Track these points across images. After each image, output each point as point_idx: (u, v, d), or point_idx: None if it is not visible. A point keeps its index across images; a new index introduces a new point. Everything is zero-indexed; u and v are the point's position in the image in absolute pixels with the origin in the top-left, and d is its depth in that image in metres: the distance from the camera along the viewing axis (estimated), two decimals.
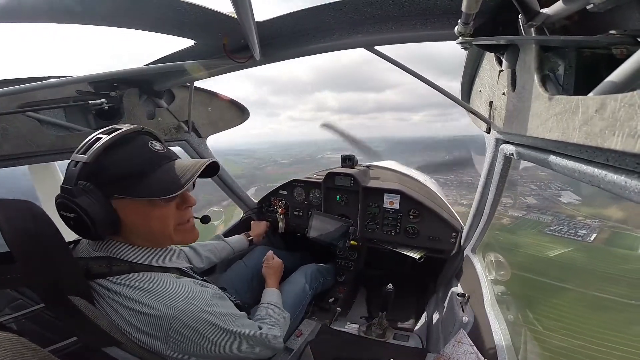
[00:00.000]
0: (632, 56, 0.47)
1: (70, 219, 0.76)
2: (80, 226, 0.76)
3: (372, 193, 2.06)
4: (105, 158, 0.77)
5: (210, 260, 1.63)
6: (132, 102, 1.53)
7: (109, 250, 0.85)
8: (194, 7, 0.84)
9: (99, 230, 0.77)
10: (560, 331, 14.44)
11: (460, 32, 0.76)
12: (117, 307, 0.80)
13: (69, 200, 0.74)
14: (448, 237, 1.86)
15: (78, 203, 0.74)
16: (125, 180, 0.78)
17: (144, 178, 0.80)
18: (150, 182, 0.80)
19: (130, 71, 1.16)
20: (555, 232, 27.39)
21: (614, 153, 0.48)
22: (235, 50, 1.12)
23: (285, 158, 70.97)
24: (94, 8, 0.79)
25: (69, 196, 0.74)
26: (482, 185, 1.38)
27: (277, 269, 1.66)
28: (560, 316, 15.19)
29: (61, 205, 0.76)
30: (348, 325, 1.83)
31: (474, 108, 1.22)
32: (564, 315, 15.23)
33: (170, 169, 0.84)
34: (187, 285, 0.89)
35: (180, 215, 0.93)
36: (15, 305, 0.99)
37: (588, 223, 29.90)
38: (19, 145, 1.21)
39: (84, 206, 0.74)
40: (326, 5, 0.90)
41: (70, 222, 0.77)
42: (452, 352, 1.29)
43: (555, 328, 14.57)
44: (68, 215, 0.76)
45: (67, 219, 0.77)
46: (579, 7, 0.57)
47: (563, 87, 0.68)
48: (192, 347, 0.84)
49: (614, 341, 13.97)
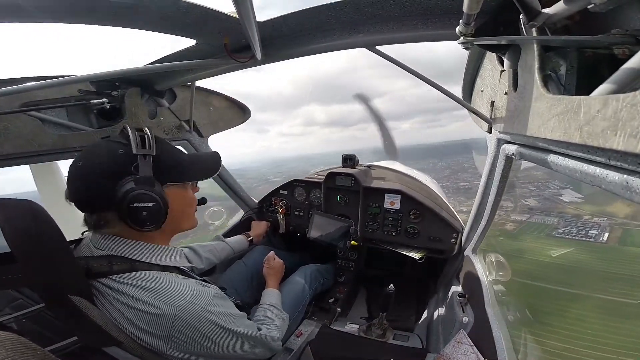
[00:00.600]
0: (634, 56, 0.47)
1: (144, 209, 0.80)
2: (155, 216, 0.82)
3: (372, 193, 2.06)
4: (159, 150, 0.86)
5: (210, 261, 1.63)
6: (134, 101, 1.53)
7: (112, 248, 0.85)
8: (196, 7, 0.84)
9: (165, 218, 0.85)
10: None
11: (461, 32, 0.76)
12: (119, 305, 0.80)
13: (148, 190, 0.80)
14: (449, 237, 1.86)
15: (157, 192, 0.82)
16: (173, 169, 0.90)
17: (184, 166, 0.93)
18: (190, 169, 0.94)
19: (132, 70, 1.17)
20: (565, 235, 26.88)
21: (615, 153, 0.48)
22: (236, 50, 1.12)
23: (277, 176, 70.99)
24: (96, 7, 0.79)
25: (150, 186, 0.81)
26: (483, 185, 1.38)
27: (278, 270, 1.66)
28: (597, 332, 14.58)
29: (139, 197, 0.79)
30: (348, 325, 1.83)
31: (476, 108, 1.22)
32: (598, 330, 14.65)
33: (198, 159, 1.00)
34: (189, 284, 0.89)
35: (194, 198, 1.05)
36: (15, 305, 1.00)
37: (597, 222, 29.30)
38: (21, 145, 1.21)
39: (161, 195, 0.83)
40: (327, 5, 0.90)
41: (143, 212, 0.80)
42: (452, 353, 1.29)
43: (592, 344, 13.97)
44: (145, 205, 0.80)
45: (139, 211, 0.80)
46: (581, 7, 0.57)
47: (565, 87, 0.68)
48: (193, 347, 0.84)
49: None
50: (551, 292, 16.47)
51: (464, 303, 1.53)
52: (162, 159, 0.86)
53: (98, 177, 0.79)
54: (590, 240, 25.40)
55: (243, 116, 2.13)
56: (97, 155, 0.82)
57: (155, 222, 0.84)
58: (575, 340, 14.36)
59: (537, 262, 20.87)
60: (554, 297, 16.25)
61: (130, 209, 0.79)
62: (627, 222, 28.18)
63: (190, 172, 0.96)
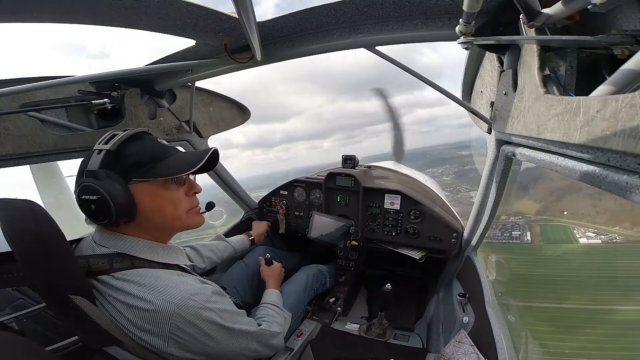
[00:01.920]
0: (633, 56, 0.47)
1: (92, 202, 0.80)
2: (102, 209, 0.80)
3: (372, 193, 2.06)
4: (124, 148, 0.85)
5: (211, 260, 1.63)
6: (134, 102, 1.53)
7: (113, 245, 0.86)
8: (195, 7, 0.84)
9: (119, 214, 0.82)
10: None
11: (461, 32, 0.76)
12: (117, 304, 0.80)
13: (93, 182, 0.79)
14: (449, 237, 1.86)
15: (103, 185, 0.80)
16: (142, 166, 0.87)
17: (158, 163, 0.89)
18: (164, 166, 0.90)
19: (132, 71, 1.17)
20: (493, 239, 26.70)
21: (615, 153, 0.48)
22: (236, 50, 1.12)
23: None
24: (96, 8, 0.79)
25: (94, 179, 0.80)
26: (483, 186, 1.38)
27: (276, 273, 1.65)
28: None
29: (84, 189, 0.80)
30: (348, 325, 1.83)
31: (475, 108, 1.22)
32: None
33: (180, 156, 0.95)
34: (188, 281, 0.89)
35: (190, 201, 1.01)
36: (16, 305, 1.00)
37: (515, 222, 29.31)
38: (21, 145, 1.21)
39: (109, 188, 0.80)
40: (327, 5, 0.90)
41: (91, 205, 0.80)
42: (453, 352, 1.29)
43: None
44: (90, 198, 0.80)
45: (88, 203, 0.80)
46: (580, 7, 0.57)
47: (564, 87, 0.68)
48: (193, 344, 0.84)
49: None
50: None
51: (465, 303, 1.53)
52: (124, 155, 0.85)
53: (80, 175, 0.85)
54: (517, 242, 25.44)
55: (243, 116, 2.13)
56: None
57: (106, 216, 0.81)
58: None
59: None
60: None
61: (80, 201, 0.82)
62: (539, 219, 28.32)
63: (160, 169, 0.89)
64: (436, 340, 1.63)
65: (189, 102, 1.66)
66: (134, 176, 0.86)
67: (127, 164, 0.85)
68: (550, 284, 18.94)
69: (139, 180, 0.87)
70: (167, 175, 0.89)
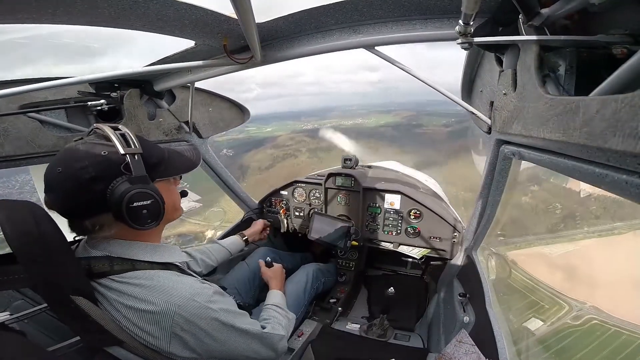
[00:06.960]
0: (632, 56, 0.47)
1: (144, 207, 0.79)
2: (155, 213, 0.82)
3: (372, 193, 2.06)
4: (143, 147, 0.84)
5: (206, 263, 1.59)
6: (133, 102, 1.53)
7: (107, 249, 0.84)
8: (195, 8, 0.84)
9: (164, 213, 0.85)
10: None
11: (460, 32, 0.76)
12: (119, 305, 0.80)
13: (144, 187, 0.79)
14: (449, 237, 1.86)
15: (153, 188, 0.81)
16: (160, 165, 0.91)
17: (165, 162, 0.94)
18: (171, 163, 0.95)
19: (132, 72, 1.17)
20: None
21: (614, 153, 0.48)
22: (235, 51, 1.12)
23: None
24: (96, 9, 0.79)
25: (144, 183, 0.80)
26: (483, 185, 1.38)
27: (278, 274, 1.64)
28: None
29: (138, 196, 0.78)
30: (349, 325, 1.84)
31: (475, 108, 1.22)
32: None
33: (176, 153, 1.01)
34: (188, 282, 0.89)
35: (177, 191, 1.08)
36: (18, 306, 1.00)
37: None
38: (21, 146, 1.21)
39: (157, 191, 0.82)
40: (327, 6, 0.90)
41: (143, 210, 0.79)
42: (453, 352, 1.29)
43: None
44: (144, 204, 0.79)
45: (139, 209, 0.78)
46: (579, 6, 0.57)
47: (564, 87, 0.69)
48: (195, 344, 0.84)
49: None
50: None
51: (465, 302, 1.53)
52: (147, 156, 0.85)
53: (87, 183, 0.74)
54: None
55: (242, 117, 2.13)
56: (77, 160, 0.76)
57: (155, 218, 0.83)
58: None
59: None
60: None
61: (129, 209, 0.77)
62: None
63: (174, 166, 0.97)
64: (437, 340, 1.63)
65: (188, 103, 1.66)
66: (157, 176, 0.89)
67: (150, 165, 0.86)
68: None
69: (159, 179, 0.91)
70: (179, 172, 0.97)
